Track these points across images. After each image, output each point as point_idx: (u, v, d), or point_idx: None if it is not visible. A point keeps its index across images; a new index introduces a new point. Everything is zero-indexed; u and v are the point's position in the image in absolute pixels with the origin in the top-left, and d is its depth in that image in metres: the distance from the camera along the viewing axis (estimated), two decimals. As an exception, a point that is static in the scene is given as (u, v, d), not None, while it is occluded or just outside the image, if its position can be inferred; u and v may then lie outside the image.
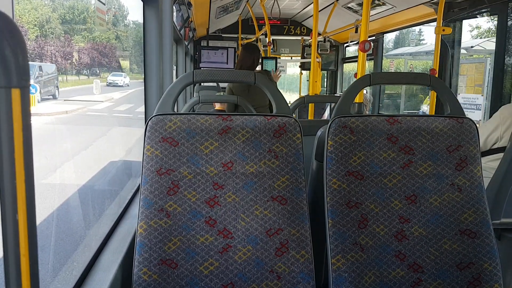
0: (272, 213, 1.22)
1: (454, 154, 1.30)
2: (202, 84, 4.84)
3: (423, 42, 13.95)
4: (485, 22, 11.17)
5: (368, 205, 1.27)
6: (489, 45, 6.43)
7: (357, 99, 2.41)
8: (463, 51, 5.24)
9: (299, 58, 6.77)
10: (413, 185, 1.29)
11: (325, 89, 7.73)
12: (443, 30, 3.43)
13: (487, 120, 2.97)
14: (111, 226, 1.38)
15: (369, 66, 6.01)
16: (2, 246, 0.50)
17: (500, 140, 2.24)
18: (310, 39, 5.18)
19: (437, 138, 1.31)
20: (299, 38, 7.15)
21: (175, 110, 1.31)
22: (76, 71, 2.73)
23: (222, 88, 5.07)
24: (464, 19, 3.88)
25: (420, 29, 13.76)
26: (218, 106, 3.48)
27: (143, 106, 1.78)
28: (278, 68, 5.66)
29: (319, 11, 4.11)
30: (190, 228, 1.19)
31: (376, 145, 1.30)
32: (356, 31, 4.74)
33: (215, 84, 4.94)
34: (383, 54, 5.67)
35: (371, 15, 4.16)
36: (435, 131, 1.31)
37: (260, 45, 6.81)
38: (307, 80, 7.98)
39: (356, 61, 3.19)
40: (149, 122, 1.23)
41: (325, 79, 7.81)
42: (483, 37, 11.05)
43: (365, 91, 3.94)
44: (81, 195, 2.22)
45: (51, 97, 2.55)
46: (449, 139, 1.31)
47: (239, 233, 1.21)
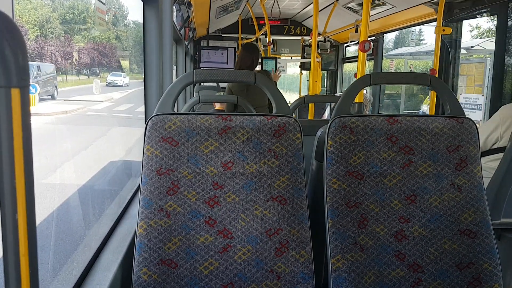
0: (272, 213, 1.22)
1: (454, 154, 1.30)
2: (202, 84, 4.84)
3: (423, 42, 13.95)
4: (485, 22, 11.18)
5: (368, 205, 1.27)
6: (489, 45, 6.42)
7: (357, 99, 2.41)
8: (463, 51, 5.23)
9: (299, 58, 6.78)
10: (413, 185, 1.29)
11: (325, 89, 7.73)
12: (443, 30, 3.43)
13: (487, 120, 2.97)
14: (111, 226, 1.38)
15: (369, 66, 6.01)
16: (2, 246, 0.50)
17: (500, 140, 2.24)
18: (310, 39, 5.18)
19: (437, 138, 1.31)
20: (299, 38, 7.16)
21: (175, 110, 1.30)
22: (76, 71, 2.73)
23: (222, 88, 5.07)
24: (464, 19, 3.88)
25: (420, 29, 13.77)
26: (218, 106, 3.48)
27: (143, 106, 1.78)
28: (278, 68, 5.66)
29: (319, 11, 4.11)
30: (190, 228, 1.19)
31: (376, 145, 1.30)
32: (356, 31, 4.74)
33: (215, 84, 4.95)
34: (383, 54, 5.67)
35: (371, 15, 4.16)
36: (435, 131, 1.31)
37: (260, 45, 6.81)
38: (307, 80, 7.98)
39: (356, 61, 3.19)
40: (149, 122, 1.23)
41: (325, 79, 7.81)
42: (483, 37, 11.04)
43: (365, 91, 3.94)
44: (81, 195, 2.22)
45: (49, 97, 2.55)
46: (449, 139, 1.31)
47: (239, 233, 1.20)
